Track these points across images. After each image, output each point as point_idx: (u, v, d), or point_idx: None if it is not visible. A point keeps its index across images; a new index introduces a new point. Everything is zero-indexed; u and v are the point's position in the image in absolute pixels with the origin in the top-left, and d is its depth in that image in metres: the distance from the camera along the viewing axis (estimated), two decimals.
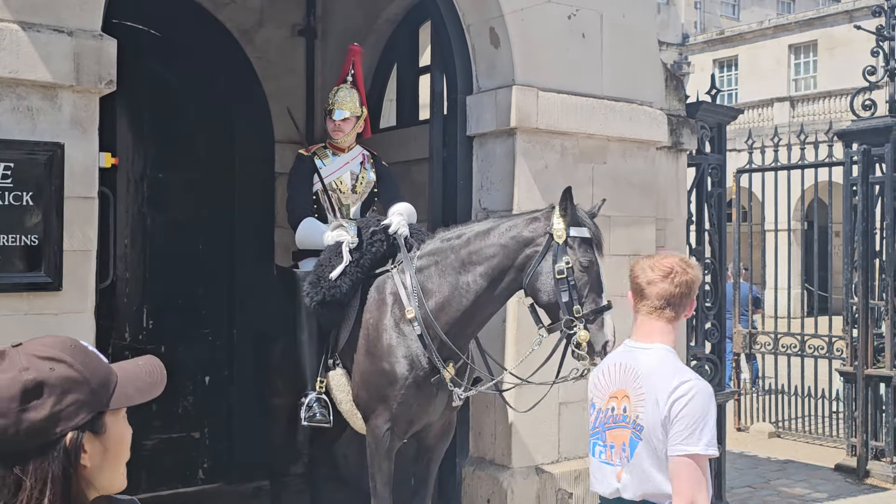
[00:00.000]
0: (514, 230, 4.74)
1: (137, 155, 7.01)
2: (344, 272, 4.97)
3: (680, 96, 6.92)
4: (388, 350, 4.83)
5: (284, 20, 7.80)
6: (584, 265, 4.52)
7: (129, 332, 7.00)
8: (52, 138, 4.19)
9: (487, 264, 4.70)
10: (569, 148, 5.92)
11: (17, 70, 4.10)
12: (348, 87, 5.67)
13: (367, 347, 4.93)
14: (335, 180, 5.60)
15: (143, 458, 6.98)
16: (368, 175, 5.70)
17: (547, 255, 4.57)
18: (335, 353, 5.09)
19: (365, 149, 5.84)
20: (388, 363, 4.81)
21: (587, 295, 4.51)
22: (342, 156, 5.67)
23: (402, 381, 4.76)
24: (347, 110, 5.61)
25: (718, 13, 39.72)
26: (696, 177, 7.21)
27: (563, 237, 4.55)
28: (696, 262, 3.35)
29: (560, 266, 4.51)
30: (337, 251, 5.07)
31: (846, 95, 22.66)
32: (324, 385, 5.08)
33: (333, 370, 5.08)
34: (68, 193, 4.24)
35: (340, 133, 5.63)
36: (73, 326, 4.25)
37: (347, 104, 5.62)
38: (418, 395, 4.79)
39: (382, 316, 4.92)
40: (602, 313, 4.52)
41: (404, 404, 4.78)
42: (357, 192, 5.65)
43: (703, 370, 7.13)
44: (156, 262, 7.09)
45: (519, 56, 5.76)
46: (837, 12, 30.89)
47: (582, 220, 4.61)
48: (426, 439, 5.10)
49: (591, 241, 4.59)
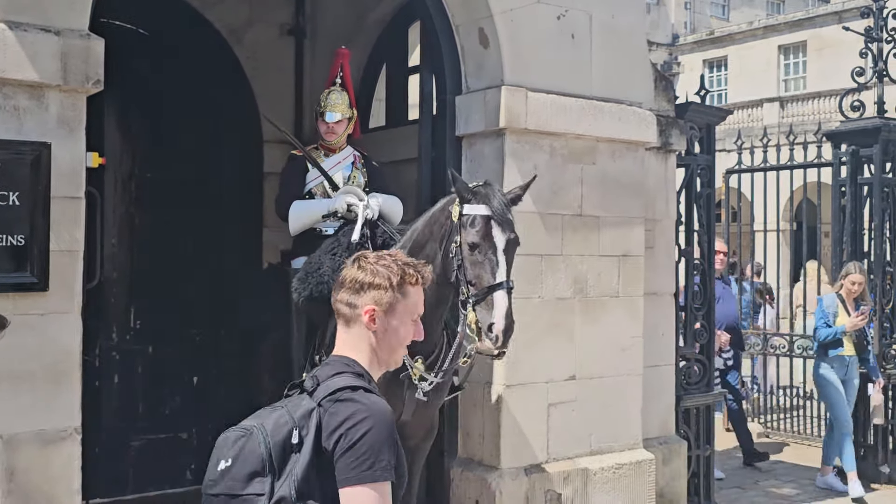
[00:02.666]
0: (434, 214, 4.69)
1: (125, 155, 6.98)
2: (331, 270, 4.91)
3: (669, 97, 6.93)
4: None
5: (273, 20, 7.77)
6: (471, 243, 4.37)
7: (117, 333, 6.96)
8: (38, 138, 4.17)
9: (421, 253, 4.59)
10: (558, 148, 5.91)
11: (4, 69, 4.08)
12: (339, 90, 5.76)
13: None
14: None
15: (130, 458, 6.98)
16: (360, 175, 5.75)
17: (450, 235, 4.48)
18: (321, 350, 5.06)
19: (356, 149, 5.88)
20: None
21: (478, 274, 4.34)
22: (333, 157, 5.73)
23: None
24: (339, 112, 5.69)
25: (708, 13, 39.80)
26: (686, 177, 7.21)
27: (457, 216, 4.46)
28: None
29: (451, 246, 4.41)
30: (330, 249, 5.06)
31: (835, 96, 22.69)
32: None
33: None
34: (55, 193, 4.22)
35: (334, 135, 5.71)
36: (59, 327, 4.24)
37: (339, 106, 5.70)
38: (387, 393, 4.72)
39: None
40: (491, 293, 4.30)
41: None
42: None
43: (691, 371, 7.14)
44: (143, 262, 7.06)
45: (508, 56, 5.75)
46: (827, 13, 30.97)
47: (480, 197, 4.44)
48: (408, 440, 5.00)
49: (490, 218, 4.40)
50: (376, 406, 2.33)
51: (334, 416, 2.30)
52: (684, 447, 6.93)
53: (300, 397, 2.40)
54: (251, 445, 2.33)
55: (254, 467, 2.32)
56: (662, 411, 6.84)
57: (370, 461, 2.25)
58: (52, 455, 4.22)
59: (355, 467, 2.24)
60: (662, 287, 6.84)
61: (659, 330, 6.76)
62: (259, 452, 2.31)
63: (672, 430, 6.92)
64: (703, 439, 7.18)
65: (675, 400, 6.96)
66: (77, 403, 4.32)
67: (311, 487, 2.29)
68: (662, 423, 6.83)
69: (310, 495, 2.28)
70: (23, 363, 4.13)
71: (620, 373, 6.20)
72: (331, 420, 2.30)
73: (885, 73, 8.83)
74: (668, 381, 6.89)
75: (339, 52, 5.95)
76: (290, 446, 2.31)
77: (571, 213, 5.96)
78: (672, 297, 6.97)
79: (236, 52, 7.55)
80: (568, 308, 5.93)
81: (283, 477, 2.29)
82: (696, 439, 7.13)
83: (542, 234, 5.78)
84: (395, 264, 2.50)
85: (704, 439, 7.19)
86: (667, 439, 6.83)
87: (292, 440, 2.31)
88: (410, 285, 2.51)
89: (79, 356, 4.33)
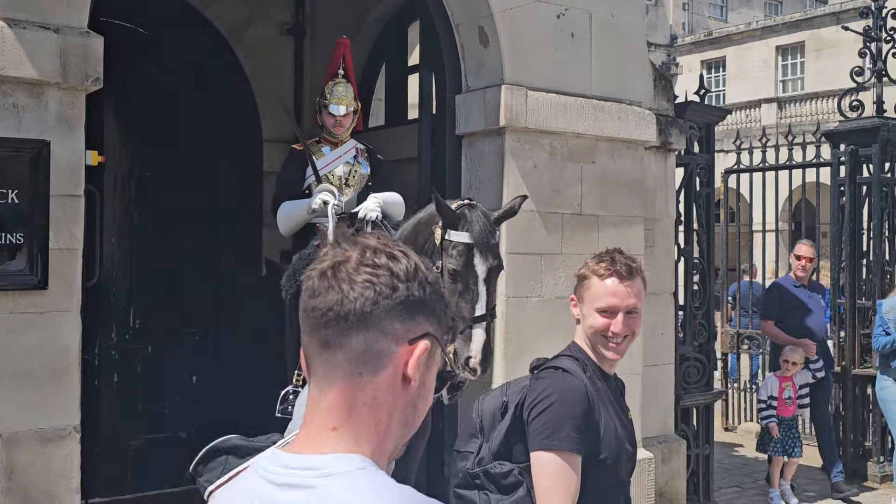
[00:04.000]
0: (419, 224, 4.61)
1: (124, 153, 6.97)
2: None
3: (668, 96, 6.93)
4: None
5: (273, 19, 7.77)
6: (451, 271, 4.25)
7: (116, 332, 6.95)
8: (38, 136, 4.16)
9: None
10: (557, 147, 5.91)
11: (3, 67, 4.07)
12: (344, 82, 5.67)
13: None
14: (328, 174, 5.58)
15: (129, 458, 6.96)
16: (363, 168, 5.68)
17: (432, 256, 4.34)
18: None
19: (360, 142, 5.83)
20: None
21: (458, 305, 4.21)
22: (336, 150, 5.66)
23: None
24: (347, 105, 5.63)
25: (706, 15, 39.81)
26: (685, 177, 7.22)
27: (439, 239, 4.36)
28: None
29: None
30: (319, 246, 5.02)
31: (833, 97, 22.73)
32: (300, 378, 5.02)
33: None
34: (54, 191, 4.21)
35: (341, 128, 5.65)
36: (58, 325, 4.23)
37: (346, 99, 5.63)
38: None
39: None
40: (472, 326, 4.19)
41: None
42: (350, 185, 5.63)
43: (690, 370, 7.14)
44: (143, 261, 7.06)
45: (508, 55, 5.75)
46: (825, 14, 31.00)
47: (463, 223, 4.31)
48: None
49: (472, 246, 4.27)
50: (566, 385, 2.66)
51: (533, 391, 2.69)
52: (683, 446, 6.93)
53: (527, 375, 2.84)
54: (473, 412, 2.90)
55: (471, 430, 2.87)
56: (662, 410, 6.83)
57: (549, 430, 2.58)
58: (52, 453, 4.22)
59: (538, 435, 2.61)
60: (661, 286, 6.84)
61: (658, 329, 6.76)
62: (474, 419, 2.85)
63: (671, 429, 6.93)
64: (703, 438, 7.19)
65: (675, 399, 6.96)
66: (76, 402, 4.31)
67: (508, 450, 2.71)
68: (662, 422, 6.83)
69: (505, 456, 2.72)
70: (22, 361, 4.12)
71: (619, 372, 6.17)
72: (530, 394, 2.69)
73: (884, 72, 8.84)
74: (667, 380, 6.89)
75: (340, 42, 5.85)
76: (499, 415, 2.78)
77: (571, 212, 5.95)
78: (671, 297, 6.97)
79: (236, 51, 7.55)
80: (567, 307, 5.91)
81: (489, 440, 2.77)
82: (696, 438, 7.13)
83: (541, 233, 5.77)
84: (594, 257, 2.91)
85: (704, 438, 7.20)
86: (666, 438, 6.83)
87: (501, 410, 2.78)
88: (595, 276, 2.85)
89: (78, 354, 4.32)
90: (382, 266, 1.35)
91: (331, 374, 1.34)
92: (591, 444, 2.62)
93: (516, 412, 2.72)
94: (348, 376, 1.34)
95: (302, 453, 1.33)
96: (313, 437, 1.34)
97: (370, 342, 1.33)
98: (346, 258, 1.36)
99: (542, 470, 2.59)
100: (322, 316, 1.33)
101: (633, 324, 2.77)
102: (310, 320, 1.35)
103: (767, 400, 7.50)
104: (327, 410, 1.34)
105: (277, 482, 1.32)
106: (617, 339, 2.75)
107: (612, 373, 2.88)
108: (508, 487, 2.70)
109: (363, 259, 1.35)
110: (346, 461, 1.31)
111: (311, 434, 1.35)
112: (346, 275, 1.34)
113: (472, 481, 2.77)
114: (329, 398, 1.34)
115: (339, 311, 1.32)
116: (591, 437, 2.63)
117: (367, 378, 1.34)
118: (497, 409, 2.82)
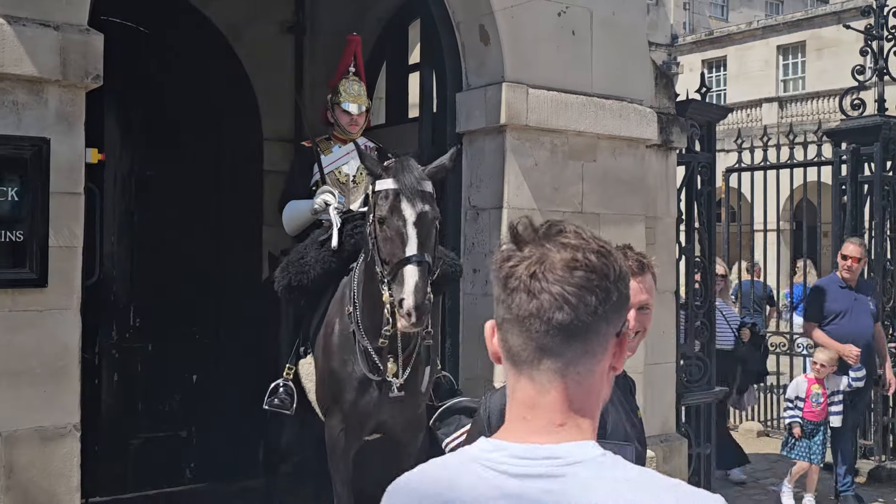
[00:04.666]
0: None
1: (125, 152, 6.95)
2: (316, 260, 4.84)
3: (670, 94, 6.91)
4: (337, 350, 4.70)
5: (273, 17, 7.76)
6: (380, 218, 4.21)
7: (116, 331, 6.94)
8: (37, 133, 4.15)
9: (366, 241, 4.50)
10: (559, 145, 5.90)
11: (3, 64, 4.05)
12: (357, 80, 5.62)
13: (324, 344, 4.81)
14: (335, 170, 5.52)
15: (129, 456, 6.95)
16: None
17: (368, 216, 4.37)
18: (307, 342, 4.98)
19: (370, 140, 5.75)
20: (337, 363, 4.69)
21: (390, 251, 4.16)
22: (345, 146, 5.59)
23: (348, 382, 4.61)
24: (362, 104, 5.59)
25: (707, 14, 39.81)
26: (686, 175, 7.20)
27: (371, 193, 4.34)
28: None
29: (368, 226, 4.27)
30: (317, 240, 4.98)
31: (834, 96, 22.72)
32: (292, 372, 4.99)
33: (304, 358, 4.98)
34: (54, 189, 4.20)
35: (356, 126, 5.61)
36: (58, 323, 4.22)
37: (361, 97, 5.60)
38: (363, 394, 4.61)
39: (337, 314, 4.78)
40: (401, 267, 4.08)
41: (353, 405, 4.63)
42: (358, 182, 5.57)
43: (692, 369, 7.13)
44: (143, 259, 7.04)
45: (509, 53, 5.74)
46: (826, 13, 31.00)
47: (390, 172, 4.28)
48: (393, 434, 4.90)
49: (397, 192, 4.21)
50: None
51: None
52: (685, 445, 6.91)
53: None
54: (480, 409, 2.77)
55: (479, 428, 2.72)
56: (663, 409, 6.81)
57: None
58: (52, 452, 4.20)
59: None
60: (663, 285, 6.78)
61: (660, 328, 6.73)
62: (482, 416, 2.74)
63: (673, 428, 6.91)
64: (704, 437, 7.17)
65: (676, 398, 6.94)
66: (76, 400, 4.30)
67: None
68: (663, 420, 6.80)
69: None
70: (22, 359, 4.11)
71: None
72: None
73: (885, 71, 8.83)
74: (669, 379, 6.87)
75: (351, 38, 5.77)
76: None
77: (572, 210, 5.93)
78: (672, 295, 6.95)
79: (236, 50, 7.53)
80: None
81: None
82: (697, 437, 7.11)
83: None
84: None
85: (705, 437, 7.17)
86: (668, 437, 6.81)
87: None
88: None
89: (78, 352, 4.31)
90: (597, 270, 1.35)
91: (549, 376, 1.37)
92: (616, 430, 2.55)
93: None
94: (567, 377, 1.37)
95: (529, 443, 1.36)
96: (540, 430, 1.38)
97: (588, 347, 1.37)
98: (554, 259, 1.34)
99: None
100: (543, 325, 1.34)
101: (645, 320, 2.72)
102: (524, 325, 1.36)
103: (794, 400, 7.40)
104: (550, 408, 1.38)
105: (517, 473, 1.33)
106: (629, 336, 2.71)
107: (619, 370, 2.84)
108: None
109: (575, 261, 1.35)
110: (587, 448, 1.35)
111: (538, 428, 1.38)
112: (557, 278, 1.34)
113: None
114: (550, 397, 1.38)
115: (562, 323, 1.34)
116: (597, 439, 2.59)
117: (584, 376, 1.39)
118: (503, 407, 2.80)
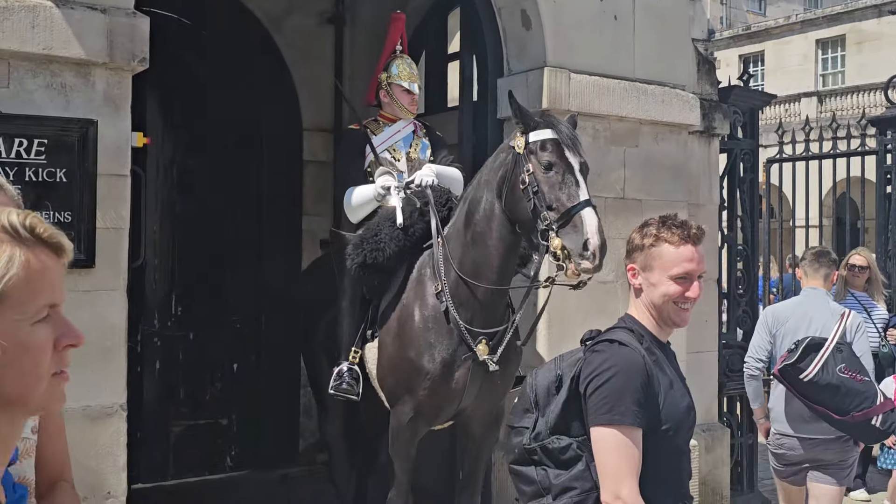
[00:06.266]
0: (490, 163, 4.51)
1: (167, 140, 7.03)
2: (391, 238, 4.66)
3: (712, 80, 6.85)
4: (417, 337, 4.50)
5: (313, 8, 7.78)
6: (545, 165, 4.12)
7: (158, 319, 7.00)
8: (85, 115, 4.19)
9: (481, 207, 4.41)
10: (601, 130, 5.86)
11: (51, 47, 4.10)
12: (409, 59, 5.51)
13: (398, 330, 4.61)
14: (389, 149, 5.36)
15: (170, 444, 7.02)
16: (423, 142, 5.47)
17: (515, 170, 4.25)
18: (374, 325, 4.77)
19: (417, 119, 5.64)
20: (415, 352, 4.49)
21: (557, 197, 4.06)
22: (394, 125, 5.43)
23: (429, 372, 4.43)
24: (419, 83, 5.53)
25: (744, 8, 39.43)
26: (728, 162, 7.13)
27: (522, 146, 4.24)
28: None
29: (523, 176, 4.16)
30: (389, 217, 4.78)
31: (875, 91, 22.41)
32: (358, 356, 4.78)
33: (371, 342, 4.77)
34: (101, 171, 4.24)
35: (415, 105, 5.52)
36: (106, 304, 4.26)
37: (416, 77, 5.51)
38: (447, 379, 4.45)
39: (416, 297, 4.60)
40: (578, 211, 4.00)
41: (432, 393, 4.45)
42: (412, 159, 5.40)
43: (734, 358, 7.05)
44: (184, 247, 7.11)
45: (550, 38, 5.70)
46: (866, 6, 30.53)
47: (544, 122, 4.25)
48: (470, 427, 4.76)
49: (557, 142, 4.17)
50: (623, 358, 2.60)
51: (588, 365, 2.64)
52: (727, 435, 6.84)
53: (580, 348, 2.78)
54: (526, 387, 2.85)
55: (525, 405, 2.82)
56: (705, 398, 6.74)
57: (609, 405, 2.53)
58: (99, 431, 4.24)
59: (597, 410, 2.55)
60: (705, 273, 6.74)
61: (702, 316, 6.66)
62: (528, 393, 2.82)
63: (715, 418, 6.85)
64: (746, 427, 7.08)
65: (718, 387, 6.87)
66: (123, 380, 4.34)
67: (565, 424, 2.69)
68: (705, 410, 6.73)
69: (562, 430, 2.69)
70: None
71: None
72: (585, 368, 2.64)
73: None
74: (711, 368, 6.81)
75: (396, 16, 5.64)
76: (554, 389, 2.75)
77: (614, 195, 5.89)
78: (715, 283, 6.88)
79: (276, 40, 7.57)
80: (611, 292, 5.86)
81: (545, 414, 2.74)
82: (739, 427, 7.04)
83: None
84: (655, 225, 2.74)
85: (748, 427, 7.09)
86: (710, 426, 6.74)
87: (555, 383, 2.75)
88: (666, 243, 2.69)
89: (124, 333, 4.35)
90: None
91: None
92: (652, 415, 2.57)
93: (572, 385, 2.67)
94: None
95: None
96: None
97: None
98: None
99: (603, 445, 2.54)
100: None
101: (701, 288, 2.72)
102: None
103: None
104: None
105: None
106: (689, 305, 2.69)
107: (665, 340, 2.82)
108: (567, 462, 2.67)
109: None
110: None
111: None
112: None
113: (530, 457, 2.74)
114: None
115: None
116: (651, 409, 2.57)
117: None
118: (552, 383, 2.77)
